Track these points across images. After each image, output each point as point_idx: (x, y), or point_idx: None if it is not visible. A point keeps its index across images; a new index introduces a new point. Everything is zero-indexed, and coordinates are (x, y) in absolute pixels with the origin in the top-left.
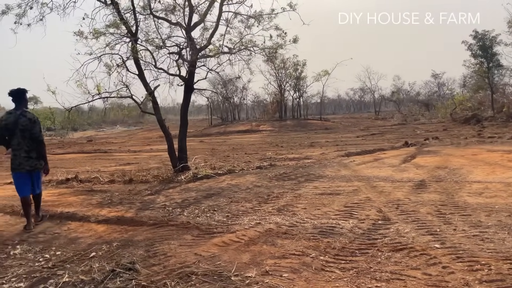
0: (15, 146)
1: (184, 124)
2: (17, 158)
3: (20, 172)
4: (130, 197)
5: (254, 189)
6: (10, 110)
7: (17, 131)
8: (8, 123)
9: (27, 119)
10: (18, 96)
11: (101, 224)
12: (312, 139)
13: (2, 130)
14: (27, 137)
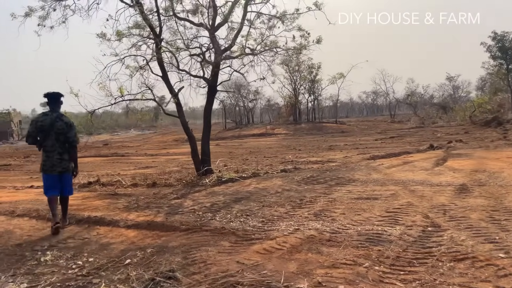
0: (48, 148)
1: (207, 127)
2: (50, 160)
3: (52, 174)
4: (156, 201)
5: (284, 193)
6: (46, 112)
7: (52, 133)
8: (44, 124)
9: (64, 123)
10: (54, 99)
11: (131, 229)
12: (330, 142)
13: (37, 130)
14: (62, 140)
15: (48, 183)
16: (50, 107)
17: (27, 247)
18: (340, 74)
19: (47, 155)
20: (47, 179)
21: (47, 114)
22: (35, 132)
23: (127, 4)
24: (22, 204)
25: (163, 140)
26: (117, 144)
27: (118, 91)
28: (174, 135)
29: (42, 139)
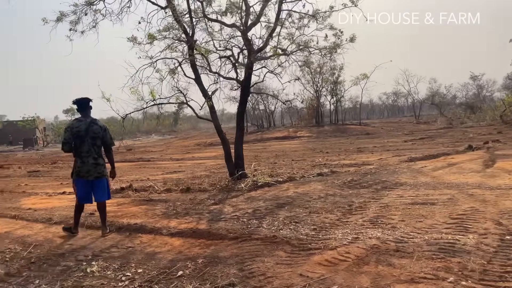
0: (84, 153)
1: (240, 129)
2: (86, 165)
3: (87, 180)
4: (194, 207)
5: (329, 198)
6: (80, 118)
7: (88, 138)
8: (80, 130)
9: (99, 127)
10: (84, 104)
11: (175, 237)
12: (357, 145)
13: (74, 137)
14: (98, 145)
15: (82, 190)
16: (82, 113)
17: (70, 256)
18: (364, 74)
19: (83, 160)
20: (81, 185)
21: (81, 120)
22: (71, 139)
23: (159, 6)
24: (58, 211)
25: (185, 144)
26: (140, 149)
27: (149, 95)
28: (195, 140)
29: (78, 144)
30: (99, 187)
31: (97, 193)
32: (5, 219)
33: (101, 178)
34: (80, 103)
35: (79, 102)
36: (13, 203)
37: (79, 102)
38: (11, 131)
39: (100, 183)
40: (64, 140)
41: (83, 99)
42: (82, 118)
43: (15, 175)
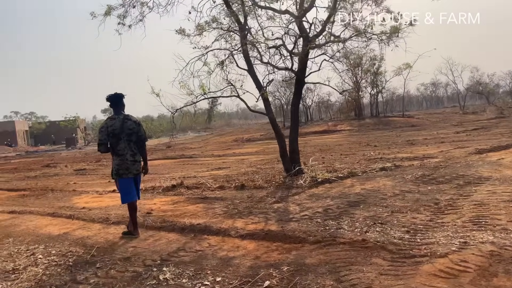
0: (121, 151)
1: (295, 122)
2: (124, 164)
3: (127, 178)
4: (256, 206)
5: (406, 195)
6: (112, 116)
7: (123, 135)
8: (115, 128)
9: (133, 122)
10: (117, 101)
11: (246, 239)
12: (405, 137)
13: (109, 136)
14: (133, 141)
15: (126, 189)
16: (115, 110)
17: (137, 261)
18: (407, 64)
19: (121, 158)
20: (124, 184)
21: (114, 117)
22: (106, 139)
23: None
24: (113, 210)
25: (223, 141)
26: (179, 146)
27: (200, 89)
28: (232, 136)
29: (115, 143)
30: (137, 183)
31: (135, 190)
32: (61, 219)
33: (138, 175)
34: (113, 99)
35: (112, 98)
36: (66, 202)
37: (112, 98)
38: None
39: (138, 179)
40: (100, 141)
41: (116, 95)
42: (115, 115)
43: (63, 174)
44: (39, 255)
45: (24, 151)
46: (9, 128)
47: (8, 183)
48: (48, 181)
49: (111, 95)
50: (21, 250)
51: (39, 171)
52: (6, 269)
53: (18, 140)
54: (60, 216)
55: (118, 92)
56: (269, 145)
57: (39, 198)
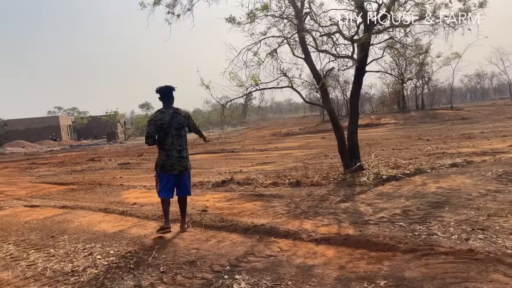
0: (168, 146)
1: (355, 114)
2: (170, 159)
3: (170, 174)
4: (320, 205)
5: (497, 195)
6: (162, 109)
7: (172, 130)
8: (164, 122)
9: (182, 116)
10: (167, 93)
11: (322, 244)
12: (458, 131)
13: (158, 130)
14: (182, 135)
15: (164, 184)
16: (164, 103)
17: (203, 265)
18: (456, 54)
19: (167, 153)
20: (164, 179)
21: (163, 111)
22: (155, 132)
23: None
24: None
25: (260, 135)
26: (218, 140)
27: (251, 80)
28: (269, 130)
29: (162, 137)
30: (182, 181)
31: (180, 187)
32: (113, 215)
33: (184, 172)
34: (163, 91)
35: (162, 91)
36: (116, 197)
37: (162, 91)
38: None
39: (183, 177)
40: (147, 133)
41: (166, 87)
42: (164, 108)
43: (108, 168)
44: (97, 255)
45: (68, 145)
46: (53, 123)
47: (56, 177)
48: (95, 175)
49: (162, 87)
50: (78, 249)
51: (84, 165)
52: (65, 270)
53: (61, 135)
54: (112, 212)
55: (168, 85)
56: (311, 139)
57: (88, 193)
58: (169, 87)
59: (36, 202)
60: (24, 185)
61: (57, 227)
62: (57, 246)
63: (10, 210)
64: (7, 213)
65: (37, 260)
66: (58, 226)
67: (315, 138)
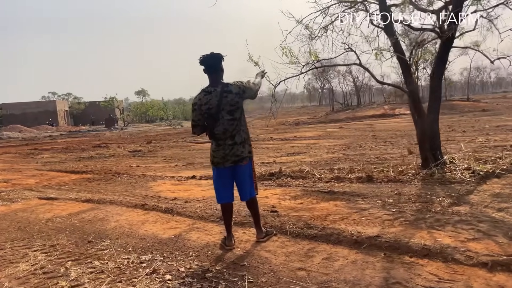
0: (220, 135)
1: (436, 99)
2: (222, 149)
3: (224, 168)
4: (429, 209)
5: None
6: (207, 88)
7: (223, 113)
8: (211, 106)
9: (235, 95)
10: (213, 65)
11: (497, 271)
12: (489, 122)
13: (204, 116)
14: (235, 118)
15: (219, 184)
16: (211, 78)
17: None
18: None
19: (218, 143)
20: (217, 176)
21: (210, 91)
22: (201, 119)
23: None
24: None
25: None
26: None
27: (312, 56)
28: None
29: (211, 124)
30: (239, 177)
31: (241, 186)
32: (156, 214)
33: (241, 163)
34: (208, 62)
35: (207, 61)
36: (145, 190)
37: (207, 61)
38: (92, 112)
39: (241, 170)
40: (193, 121)
41: (212, 56)
42: (210, 87)
43: (118, 155)
44: (165, 274)
45: (67, 131)
46: (50, 107)
47: (65, 164)
48: (107, 163)
49: (205, 57)
50: (132, 262)
51: (91, 151)
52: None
53: (58, 120)
54: (153, 209)
55: (215, 53)
56: (329, 129)
57: (109, 183)
58: (216, 56)
59: (52, 193)
60: (31, 172)
61: (90, 228)
62: (102, 256)
63: (24, 203)
64: (20, 207)
65: (81, 279)
66: (91, 227)
67: (332, 128)
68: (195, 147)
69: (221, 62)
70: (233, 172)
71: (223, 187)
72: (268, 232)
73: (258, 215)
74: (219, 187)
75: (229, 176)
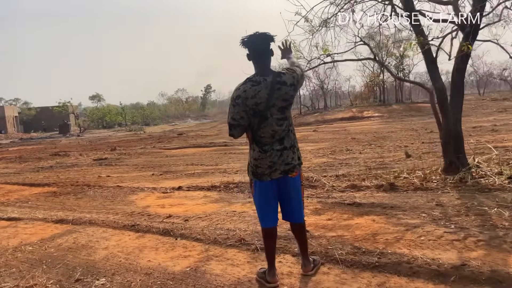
0: (266, 139)
1: (460, 96)
2: (269, 156)
3: (269, 181)
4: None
5: None
6: (254, 77)
7: (273, 110)
8: (260, 101)
9: (289, 87)
10: (263, 47)
11: None
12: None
13: (250, 114)
14: (286, 116)
15: (263, 201)
16: (257, 65)
17: None
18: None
19: (264, 149)
20: (261, 192)
21: (258, 81)
22: (245, 117)
23: None
24: (227, 222)
25: None
26: (191, 134)
27: (322, 50)
28: None
29: (256, 124)
30: (288, 192)
31: (288, 205)
32: (155, 237)
33: (291, 174)
34: (256, 44)
35: (255, 43)
36: (127, 205)
37: (255, 43)
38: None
39: (290, 184)
40: (234, 120)
41: (262, 36)
42: (259, 76)
43: (82, 164)
44: None
45: (18, 138)
46: None
47: (21, 176)
48: (71, 173)
49: (252, 37)
50: None
51: (50, 160)
52: None
53: (7, 127)
54: (147, 231)
55: (263, 33)
56: (302, 133)
57: (80, 198)
58: (266, 35)
59: (13, 212)
60: None
61: (74, 260)
62: None
63: None
64: None
65: None
66: (75, 258)
67: (306, 131)
68: (167, 154)
69: (269, 45)
70: (279, 186)
71: (268, 206)
72: (315, 262)
73: (307, 243)
74: (263, 205)
75: (275, 191)
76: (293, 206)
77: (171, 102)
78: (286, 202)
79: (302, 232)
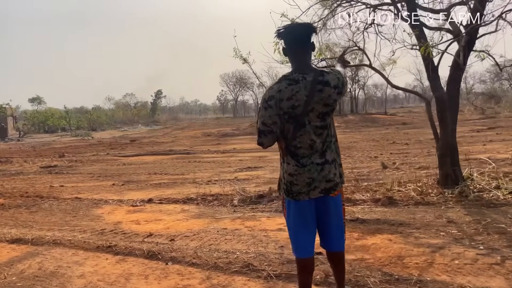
0: (304, 149)
1: (455, 107)
2: (307, 171)
3: (307, 201)
4: None
5: None
6: (292, 75)
7: (312, 116)
8: (298, 103)
9: (333, 89)
10: (304, 38)
11: None
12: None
13: (284, 118)
14: (327, 124)
15: (298, 224)
16: (297, 60)
17: None
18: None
19: (300, 162)
20: (297, 214)
21: (297, 79)
22: (278, 123)
23: None
24: (223, 243)
25: (191, 135)
26: (145, 141)
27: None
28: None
29: (291, 131)
30: (328, 214)
31: (328, 229)
32: (138, 262)
33: (332, 193)
34: (295, 34)
35: (294, 32)
36: (93, 220)
37: (294, 32)
38: None
39: (330, 205)
40: (264, 125)
41: (303, 25)
42: (296, 73)
43: (29, 172)
44: None
45: None
46: None
47: None
48: (17, 183)
49: (291, 27)
50: None
51: None
52: None
53: None
54: (129, 253)
55: (303, 23)
56: None
57: (35, 211)
58: (307, 26)
59: None
60: None
61: None
62: None
63: None
64: None
65: None
66: None
67: None
68: (123, 162)
69: (310, 38)
70: (317, 208)
71: (305, 231)
72: None
73: (344, 273)
74: (300, 230)
75: (313, 213)
76: (334, 231)
77: (119, 107)
78: (325, 227)
79: (341, 262)
